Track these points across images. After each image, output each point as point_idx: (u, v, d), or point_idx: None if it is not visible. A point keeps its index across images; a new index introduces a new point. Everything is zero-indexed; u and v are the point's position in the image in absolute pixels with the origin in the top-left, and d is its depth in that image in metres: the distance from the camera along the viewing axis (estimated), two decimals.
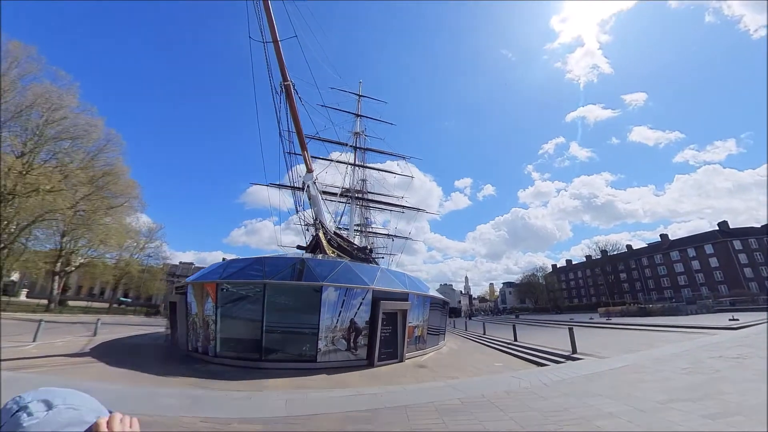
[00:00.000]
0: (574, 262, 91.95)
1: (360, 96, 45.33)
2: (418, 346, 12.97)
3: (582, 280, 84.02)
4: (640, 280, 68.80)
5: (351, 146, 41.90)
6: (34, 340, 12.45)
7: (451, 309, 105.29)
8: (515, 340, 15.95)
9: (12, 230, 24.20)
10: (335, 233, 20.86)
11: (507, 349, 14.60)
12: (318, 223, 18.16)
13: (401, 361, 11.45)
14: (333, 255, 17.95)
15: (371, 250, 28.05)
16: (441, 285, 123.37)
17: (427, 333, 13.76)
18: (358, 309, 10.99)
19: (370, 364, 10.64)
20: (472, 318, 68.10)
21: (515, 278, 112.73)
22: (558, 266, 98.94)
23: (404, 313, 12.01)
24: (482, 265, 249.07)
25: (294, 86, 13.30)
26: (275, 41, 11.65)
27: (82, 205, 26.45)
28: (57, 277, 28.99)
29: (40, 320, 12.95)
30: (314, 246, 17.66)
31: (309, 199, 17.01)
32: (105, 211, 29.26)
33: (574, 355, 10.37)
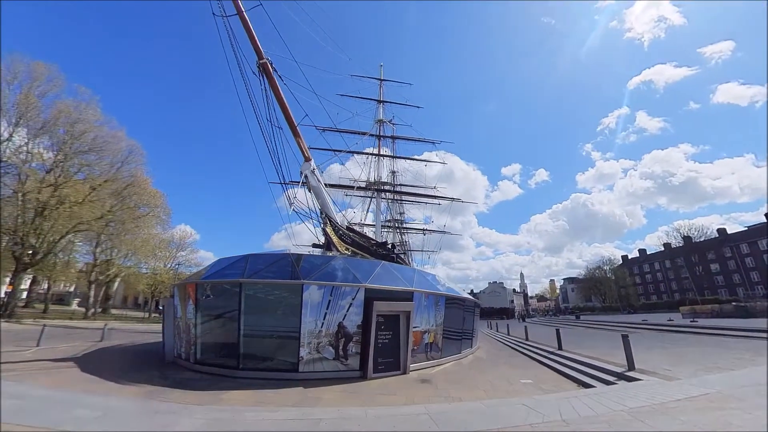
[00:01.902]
0: (649, 252, 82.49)
1: (381, 80, 44.35)
2: (429, 355, 11.58)
3: (660, 273, 74.98)
4: (739, 272, 59.27)
5: (374, 135, 41.06)
6: (37, 345, 13.23)
7: (501, 310, 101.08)
8: (559, 348, 13.81)
9: (50, 241, 26.89)
10: (349, 228, 19.99)
11: (547, 359, 12.60)
12: (325, 217, 17.39)
13: (404, 373, 10.18)
14: (347, 252, 17.13)
15: (394, 246, 26.90)
16: (490, 283, 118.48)
17: (443, 339, 12.29)
18: (348, 311, 9.93)
19: (363, 376, 9.54)
20: (526, 320, 63.68)
21: (578, 273, 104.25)
22: (629, 258, 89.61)
23: (407, 315, 10.72)
24: (540, 259, 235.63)
25: (272, 64, 12.59)
26: (240, 11, 11.00)
27: (108, 216, 28.63)
28: (93, 287, 31.95)
29: (43, 326, 13.78)
30: (328, 243, 17.02)
31: (309, 191, 16.29)
32: (132, 222, 31.53)
33: (629, 374, 8.28)
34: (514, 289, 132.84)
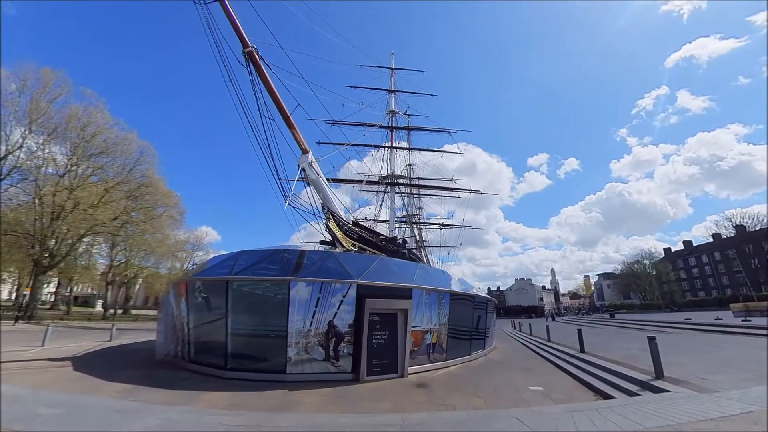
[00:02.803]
0: (695, 244, 77.34)
1: (393, 69, 43.62)
2: (432, 357, 10.97)
3: (709, 266, 70.07)
4: None
5: (386, 127, 40.43)
6: (42, 345, 13.71)
7: (529, 308, 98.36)
8: (581, 351, 12.80)
9: (67, 244, 28.25)
10: (355, 223, 19.59)
11: (566, 363, 11.68)
12: (327, 212, 17.05)
13: (402, 376, 9.64)
14: (353, 248, 16.77)
15: (405, 241, 26.27)
16: (516, 280, 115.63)
17: (449, 339, 11.64)
18: (338, 308, 9.50)
19: (355, 379, 9.10)
20: (555, 318, 61.35)
21: (614, 268, 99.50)
22: (673, 250, 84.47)
23: (405, 313, 10.16)
24: (573, 254, 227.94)
25: (258, 52, 12.28)
26: None
27: (123, 218, 29.75)
28: (111, 288, 33.43)
29: (48, 326, 14.29)
30: (333, 240, 16.73)
31: (308, 185, 15.98)
32: (147, 222, 32.65)
33: (656, 383, 7.27)
34: (543, 286, 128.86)
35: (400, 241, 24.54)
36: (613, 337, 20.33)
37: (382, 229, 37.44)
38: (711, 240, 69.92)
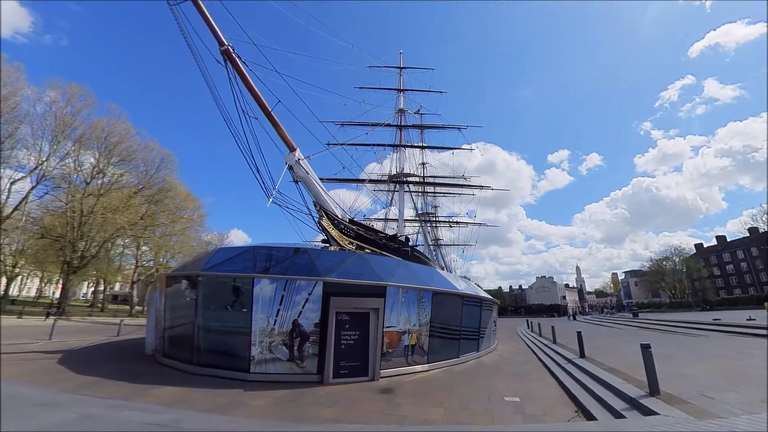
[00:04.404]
0: (729, 240, 70.95)
1: (401, 68, 42.77)
2: (411, 359, 10.00)
3: (745, 262, 64.01)
4: None
5: (395, 125, 39.58)
6: (49, 338, 13.97)
7: (551, 307, 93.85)
8: (581, 355, 11.36)
9: (95, 246, 29.44)
10: (351, 221, 18.84)
11: (560, 370, 10.31)
12: (320, 210, 16.40)
13: (373, 379, 8.79)
14: (351, 247, 16.10)
15: (407, 239, 25.21)
16: (537, 278, 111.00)
17: (433, 340, 10.62)
18: (303, 307, 8.80)
19: (320, 381, 8.34)
20: (576, 318, 57.88)
21: (641, 265, 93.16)
22: (705, 246, 77.98)
23: (378, 313, 9.29)
24: (599, 252, 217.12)
25: (234, 49, 11.83)
26: None
27: (144, 221, 30.69)
28: (137, 287, 34.64)
29: (54, 321, 14.59)
30: (329, 239, 16.14)
31: (296, 183, 15.41)
32: (170, 225, 33.59)
33: (647, 401, 5.85)
34: (566, 284, 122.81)
35: (403, 238, 23.54)
36: (626, 339, 18.43)
37: (392, 228, 36.65)
38: (747, 235, 63.73)
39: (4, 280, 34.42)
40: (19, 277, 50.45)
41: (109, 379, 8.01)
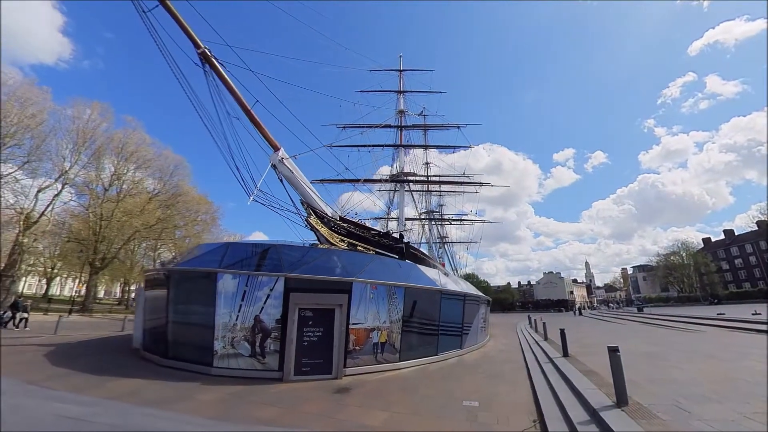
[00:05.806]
0: (737, 234, 66.76)
1: (401, 71, 42.10)
2: (381, 357, 9.30)
3: (754, 256, 60.09)
4: None
5: (395, 126, 38.90)
6: (55, 333, 14.03)
7: (558, 302, 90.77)
8: (564, 354, 10.35)
9: (114, 248, 30.02)
10: (343, 219, 18.22)
11: (537, 370, 9.29)
12: (307, 208, 15.86)
13: (336, 377, 8.17)
14: (342, 245, 15.53)
15: (402, 236, 24.42)
16: (545, 274, 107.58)
17: (404, 337, 9.85)
18: (265, 303, 8.29)
19: (281, 378, 7.79)
20: (582, 313, 55.49)
21: (649, 260, 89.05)
22: (713, 240, 73.75)
23: (342, 309, 8.66)
24: (608, 247, 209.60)
25: (211, 52, 11.48)
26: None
27: (158, 225, 31.11)
28: None
29: (59, 317, 14.70)
30: (319, 237, 15.61)
31: (281, 181, 14.95)
32: (180, 228, 34.01)
33: (609, 414, 4.77)
34: (574, 280, 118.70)
35: (396, 235, 22.77)
36: (621, 336, 17.17)
37: (393, 227, 35.92)
38: (756, 228, 59.75)
39: (43, 281, 35.59)
40: (57, 278, 52.52)
41: (77, 372, 7.85)
